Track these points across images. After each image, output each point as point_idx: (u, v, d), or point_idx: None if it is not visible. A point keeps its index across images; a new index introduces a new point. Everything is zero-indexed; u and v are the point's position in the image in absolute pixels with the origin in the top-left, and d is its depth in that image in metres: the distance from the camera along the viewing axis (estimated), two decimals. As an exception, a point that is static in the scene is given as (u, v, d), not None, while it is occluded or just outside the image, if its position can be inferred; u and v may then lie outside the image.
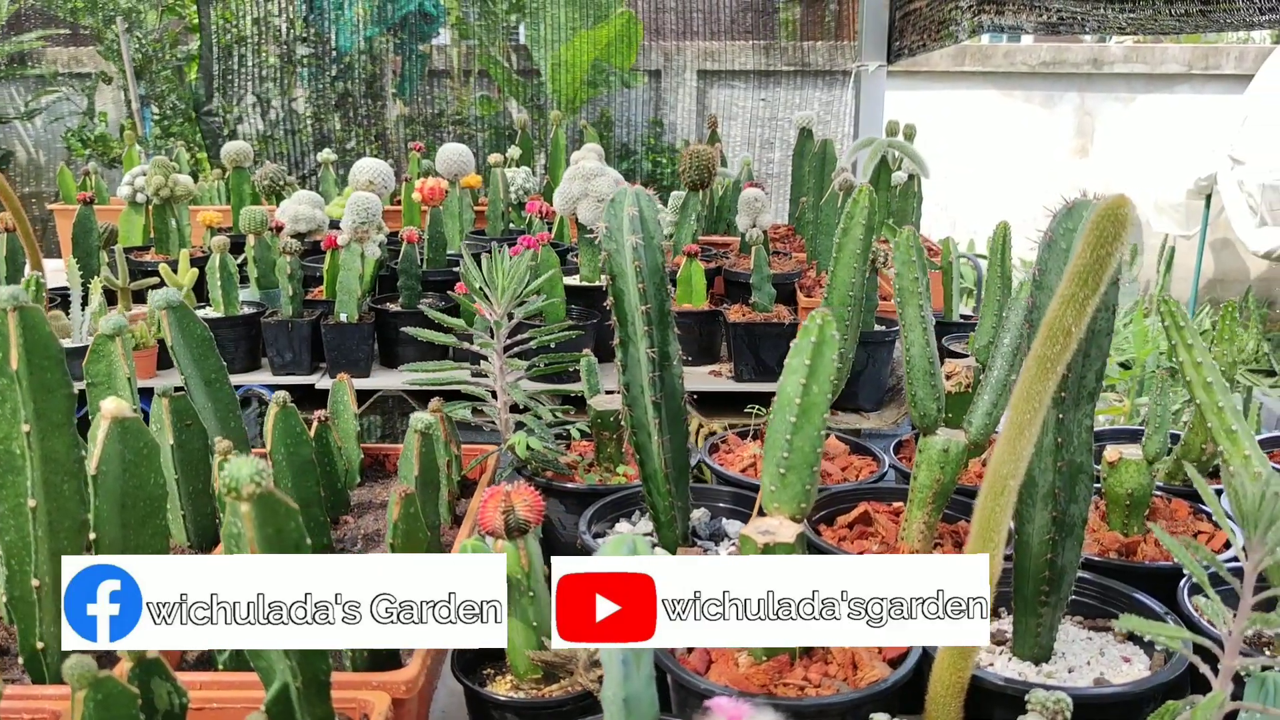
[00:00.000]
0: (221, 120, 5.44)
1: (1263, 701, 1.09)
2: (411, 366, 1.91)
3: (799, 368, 1.32)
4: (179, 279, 3.11)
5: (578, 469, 1.91)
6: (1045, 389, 1.16)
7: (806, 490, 1.34)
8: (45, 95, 6.40)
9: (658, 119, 6.26)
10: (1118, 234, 1.07)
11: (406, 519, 1.47)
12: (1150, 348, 5.35)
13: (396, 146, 5.75)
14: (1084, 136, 7.47)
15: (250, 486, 0.98)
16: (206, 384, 1.78)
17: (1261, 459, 1.29)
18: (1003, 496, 1.20)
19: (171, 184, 3.27)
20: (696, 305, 3.08)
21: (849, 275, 1.85)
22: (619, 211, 1.52)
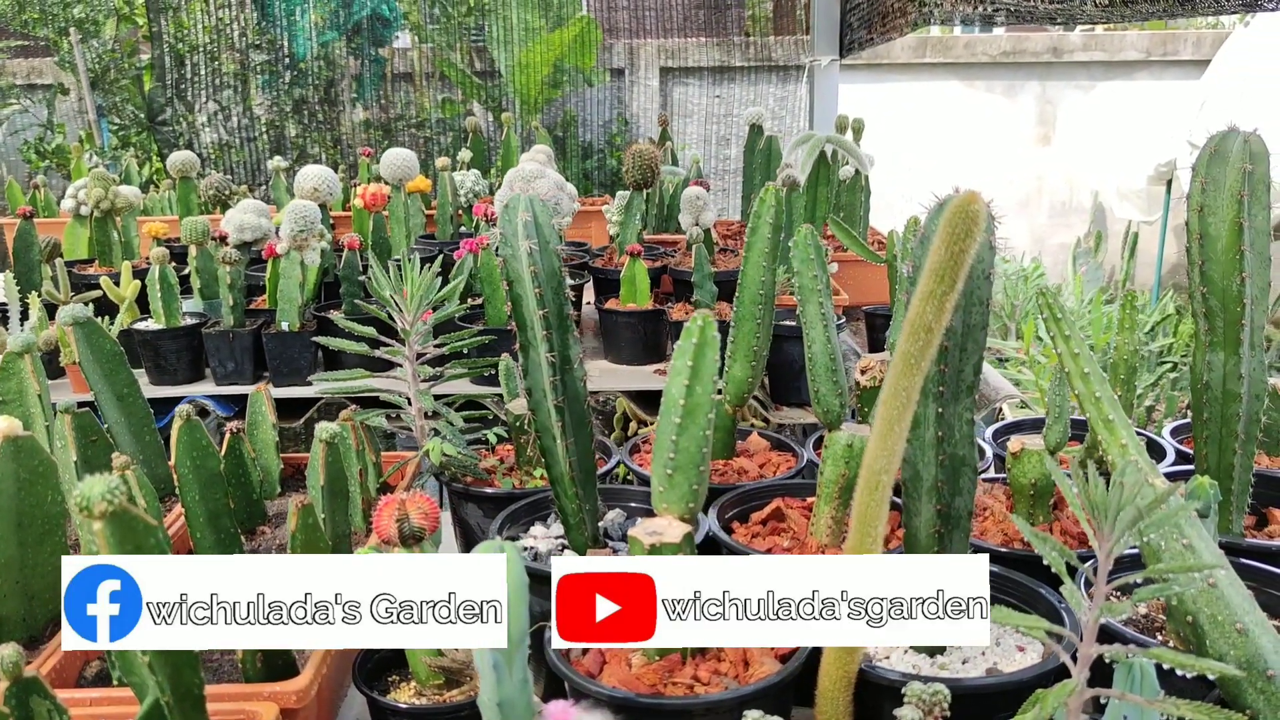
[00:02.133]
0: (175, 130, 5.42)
1: (1128, 688, 1.10)
2: (320, 376, 1.92)
3: (682, 369, 1.33)
4: (121, 292, 3.11)
5: (496, 473, 1.92)
6: (912, 384, 1.17)
7: (694, 490, 1.35)
8: (4, 108, 6.37)
9: (622, 117, 6.27)
10: (970, 230, 1.08)
11: (305, 529, 1.48)
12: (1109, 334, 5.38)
13: (354, 152, 5.74)
14: (1046, 125, 7.50)
15: (102, 505, 0.98)
16: (118, 399, 1.78)
17: (1139, 448, 1.30)
18: (877, 491, 1.22)
19: (112, 196, 3.26)
20: (641, 305, 3.09)
21: (759, 274, 1.86)
22: (513, 217, 1.52)
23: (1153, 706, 1.05)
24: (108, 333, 1.79)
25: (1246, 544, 1.67)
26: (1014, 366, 5.62)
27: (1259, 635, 1.21)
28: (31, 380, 1.73)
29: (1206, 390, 1.71)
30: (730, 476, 1.95)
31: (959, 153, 7.38)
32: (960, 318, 1.29)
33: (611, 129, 6.33)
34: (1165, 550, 1.25)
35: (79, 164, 4.46)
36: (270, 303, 3.04)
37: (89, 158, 5.39)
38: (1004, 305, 6.46)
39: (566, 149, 6.41)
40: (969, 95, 7.49)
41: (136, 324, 3.01)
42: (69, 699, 1.20)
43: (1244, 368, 1.67)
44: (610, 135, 6.36)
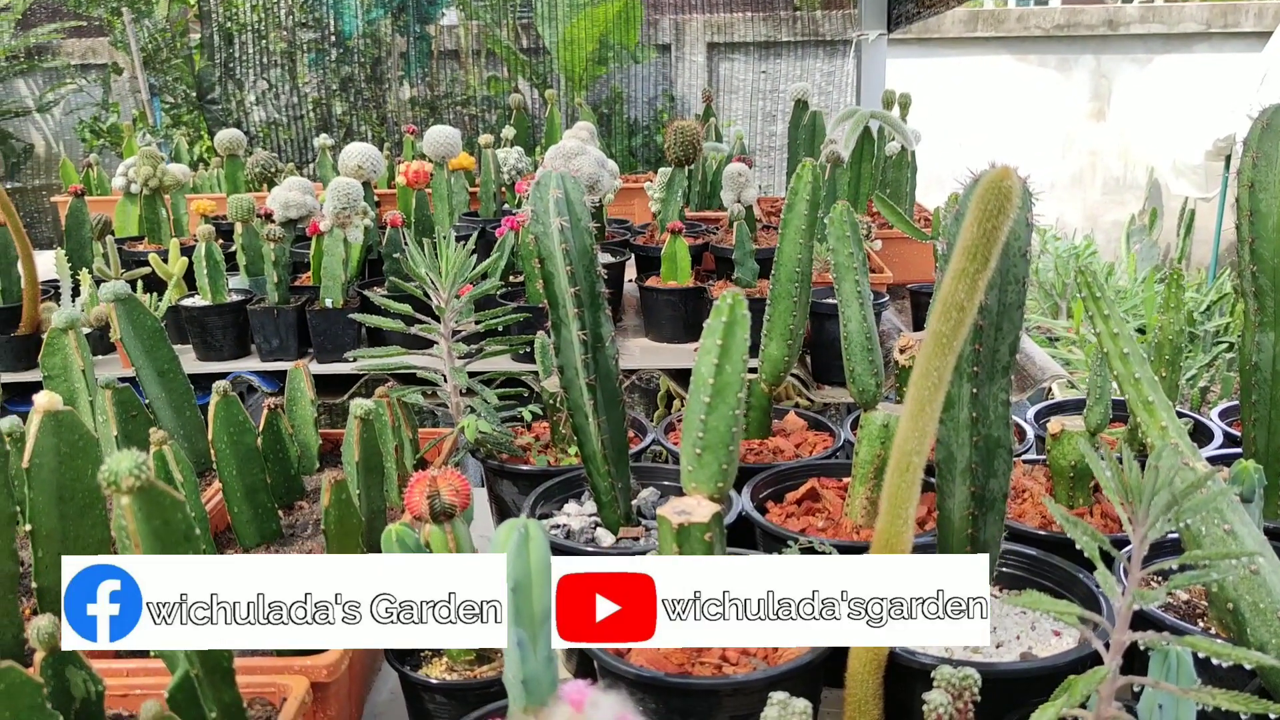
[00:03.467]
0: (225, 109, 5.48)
1: (1164, 676, 1.08)
2: (358, 353, 1.93)
3: (711, 348, 1.32)
4: (169, 268, 3.15)
5: (531, 450, 1.92)
6: (944, 365, 1.15)
7: (723, 470, 1.34)
8: (61, 87, 6.48)
9: (668, 93, 6.24)
10: (1002, 207, 1.05)
11: (338, 505, 1.49)
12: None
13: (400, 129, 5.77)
14: (1100, 100, 7.35)
15: (130, 480, 0.99)
16: (160, 375, 1.81)
17: (1180, 431, 1.27)
18: (908, 473, 1.20)
19: (160, 174, 3.30)
20: (681, 282, 3.07)
21: (795, 251, 1.84)
22: (544, 195, 1.52)
23: (1187, 695, 1.03)
24: (149, 310, 1.81)
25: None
26: (1064, 345, 5.53)
27: (1302, 623, 1.18)
28: (76, 356, 1.76)
29: (1255, 371, 1.66)
30: (766, 456, 1.94)
31: (1010, 129, 7.26)
32: (996, 296, 1.27)
33: (657, 105, 6.30)
34: (1206, 535, 1.23)
35: (130, 142, 4.52)
36: (314, 280, 3.07)
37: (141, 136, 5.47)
38: (1055, 284, 6.36)
39: (612, 126, 6.39)
40: (1021, 70, 7.35)
41: (183, 300, 3.06)
42: (104, 669, 1.22)
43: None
44: (656, 112, 6.33)
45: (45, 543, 1.46)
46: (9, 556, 1.37)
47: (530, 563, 1.08)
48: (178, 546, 1.07)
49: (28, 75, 6.51)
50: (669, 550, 1.32)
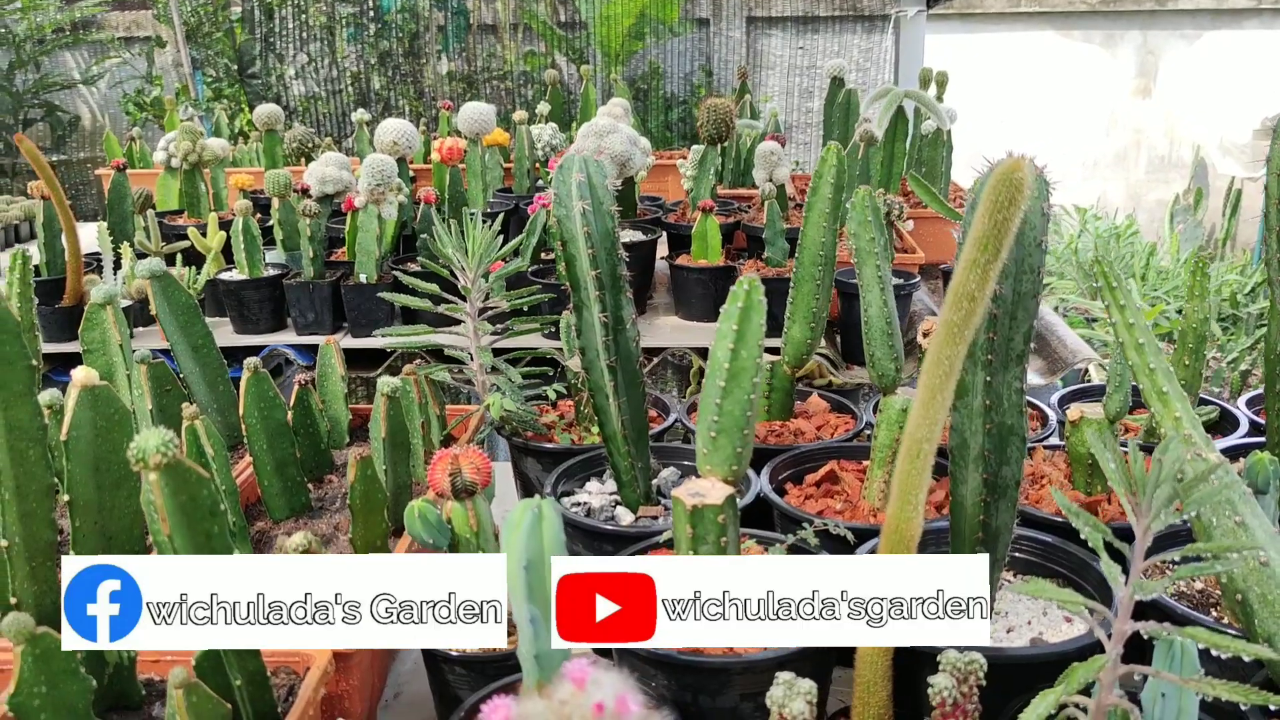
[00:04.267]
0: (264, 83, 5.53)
1: (1168, 666, 1.09)
2: (386, 331, 1.96)
3: (727, 333, 1.34)
4: (207, 242, 3.21)
5: (555, 429, 1.95)
6: (955, 354, 1.16)
7: (738, 453, 1.36)
8: (106, 60, 6.56)
9: (705, 68, 6.22)
10: (1013, 198, 1.06)
11: (364, 480, 1.53)
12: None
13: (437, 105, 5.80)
14: (1146, 76, 7.23)
15: (157, 457, 1.03)
16: (194, 350, 1.85)
17: (1193, 421, 1.27)
18: (918, 460, 1.21)
19: (199, 149, 3.35)
20: (712, 261, 3.08)
21: (819, 234, 1.85)
22: (567, 178, 1.54)
23: (1188, 685, 1.04)
24: (183, 286, 1.86)
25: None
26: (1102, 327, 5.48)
27: (1310, 615, 1.18)
28: (113, 330, 1.81)
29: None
30: (786, 438, 1.95)
31: (1053, 106, 7.17)
32: (1011, 285, 1.27)
33: (695, 80, 6.28)
34: (1216, 527, 1.23)
35: (172, 116, 4.58)
36: (349, 255, 3.11)
37: (184, 110, 5.54)
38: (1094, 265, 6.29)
39: (650, 101, 6.39)
40: (1065, 46, 7.24)
41: (221, 274, 3.11)
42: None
43: (1320, 337, 1.61)
44: (694, 87, 6.32)
45: (82, 513, 1.51)
46: (48, 525, 1.41)
47: (543, 542, 1.11)
48: (203, 521, 1.11)
49: (73, 48, 6.60)
50: (683, 531, 1.34)
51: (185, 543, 1.09)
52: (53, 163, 6.60)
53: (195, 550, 1.11)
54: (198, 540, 1.11)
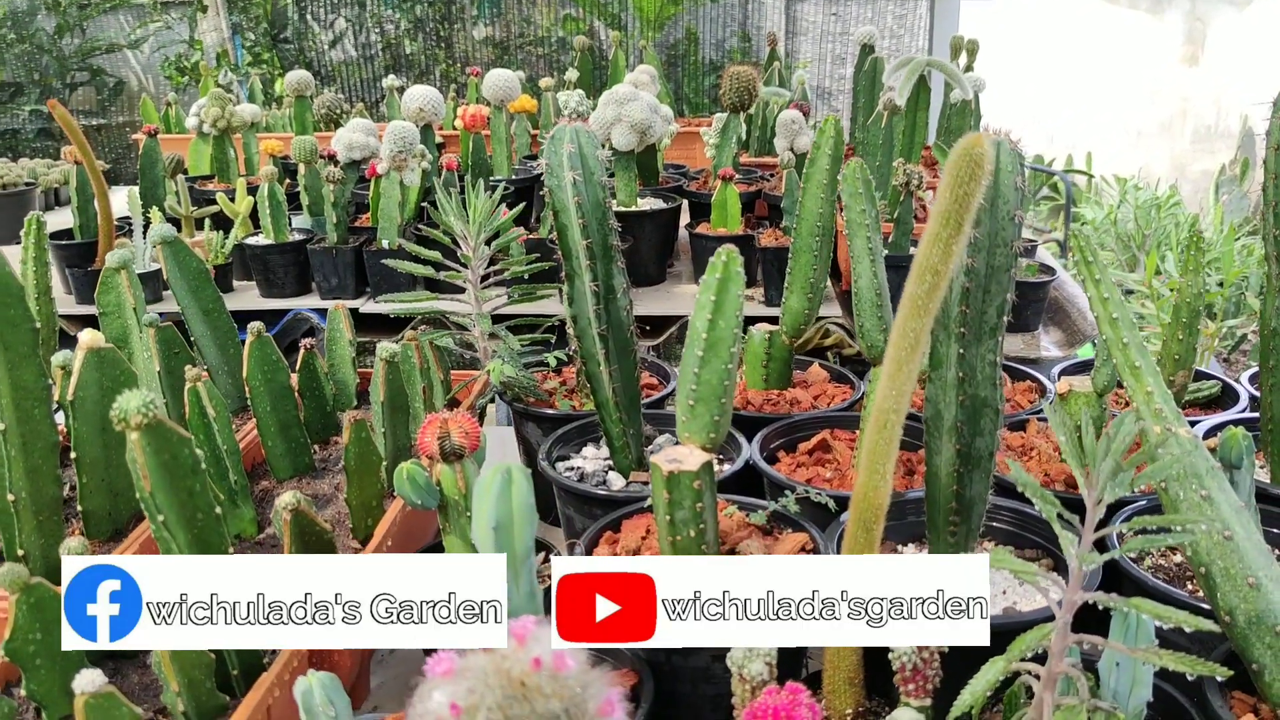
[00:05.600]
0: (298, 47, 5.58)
1: (1123, 636, 1.11)
2: (388, 297, 2.00)
3: (705, 304, 1.36)
4: (236, 207, 3.27)
5: (556, 395, 1.98)
6: (920, 326, 1.17)
7: (715, 421, 1.39)
8: (150, 24, 6.65)
9: (743, 32, 6.18)
10: (975, 174, 1.07)
11: (358, 443, 1.57)
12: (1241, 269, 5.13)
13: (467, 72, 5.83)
14: (1194, 44, 7.07)
15: (138, 417, 1.08)
16: (205, 314, 1.91)
17: (1165, 396, 1.27)
18: (886, 430, 1.23)
19: (228, 115, 3.41)
20: (731, 229, 3.10)
21: (816, 205, 1.86)
22: (558, 148, 1.56)
23: (1135, 655, 1.06)
24: (194, 252, 1.91)
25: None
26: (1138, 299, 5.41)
27: (1271, 590, 1.19)
28: (128, 294, 1.86)
29: (1275, 337, 1.65)
30: (783, 406, 1.97)
31: (1097, 73, 7.04)
32: (984, 259, 1.28)
33: (731, 45, 6.25)
34: (1183, 500, 1.24)
35: (206, 82, 4.65)
36: (373, 221, 3.16)
37: (223, 74, 5.61)
38: (1135, 236, 6.20)
39: (685, 66, 6.37)
40: (1110, 12, 7.10)
41: (248, 239, 3.18)
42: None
43: (1314, 314, 1.60)
44: (730, 52, 6.29)
45: (89, 470, 1.57)
46: (54, 481, 1.47)
47: (513, 505, 1.14)
48: (185, 479, 1.16)
49: (117, 12, 6.69)
50: (660, 496, 1.38)
51: (167, 500, 1.14)
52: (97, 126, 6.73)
53: (177, 506, 1.16)
54: (180, 497, 1.16)
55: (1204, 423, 1.79)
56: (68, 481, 1.70)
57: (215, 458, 1.59)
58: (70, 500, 1.68)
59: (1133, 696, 1.15)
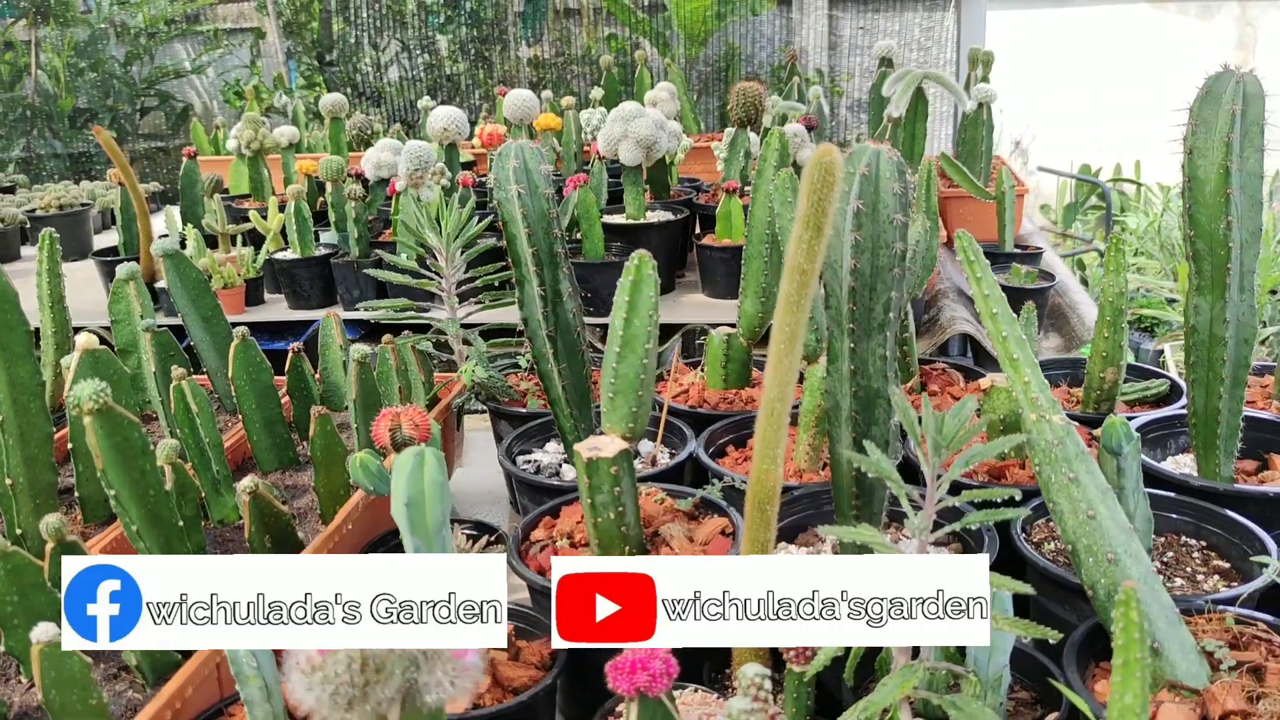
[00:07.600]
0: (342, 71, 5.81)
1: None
2: (368, 305, 2.15)
3: (621, 304, 1.48)
4: (267, 224, 3.47)
5: (529, 395, 2.11)
6: (795, 321, 1.28)
7: (633, 412, 1.50)
8: (214, 50, 6.97)
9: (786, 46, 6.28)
10: (828, 182, 1.17)
11: (323, 435, 1.72)
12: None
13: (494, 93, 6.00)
14: (1245, 50, 6.98)
15: (90, 403, 1.23)
16: (204, 320, 2.07)
17: (1042, 386, 1.36)
18: (774, 418, 1.34)
19: (261, 137, 3.61)
20: (735, 240, 3.20)
21: (764, 214, 1.96)
22: (505, 164, 1.69)
23: (979, 622, 1.15)
24: (193, 263, 2.08)
25: (1223, 489, 1.68)
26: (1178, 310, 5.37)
27: (1129, 565, 1.27)
28: (135, 304, 2.04)
29: (1194, 334, 1.72)
30: (737, 405, 2.07)
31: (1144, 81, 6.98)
32: (868, 260, 1.38)
33: (775, 60, 6.35)
34: (1053, 483, 1.33)
35: (252, 105, 4.88)
36: (394, 235, 3.33)
37: (278, 97, 5.87)
38: (1179, 244, 6.14)
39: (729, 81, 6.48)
40: (1158, 18, 7.05)
41: (277, 254, 3.37)
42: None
43: (1230, 312, 1.67)
44: (774, 67, 6.39)
45: (88, 459, 1.74)
46: (49, 468, 1.64)
47: (424, 483, 1.28)
48: (136, 459, 1.31)
49: (183, 39, 7.02)
50: (582, 481, 1.50)
51: (118, 477, 1.29)
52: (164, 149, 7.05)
53: (130, 484, 1.31)
54: (132, 476, 1.31)
55: (1139, 418, 1.86)
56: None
57: (199, 449, 1.75)
58: (73, 487, 1.85)
59: (991, 663, 1.24)
